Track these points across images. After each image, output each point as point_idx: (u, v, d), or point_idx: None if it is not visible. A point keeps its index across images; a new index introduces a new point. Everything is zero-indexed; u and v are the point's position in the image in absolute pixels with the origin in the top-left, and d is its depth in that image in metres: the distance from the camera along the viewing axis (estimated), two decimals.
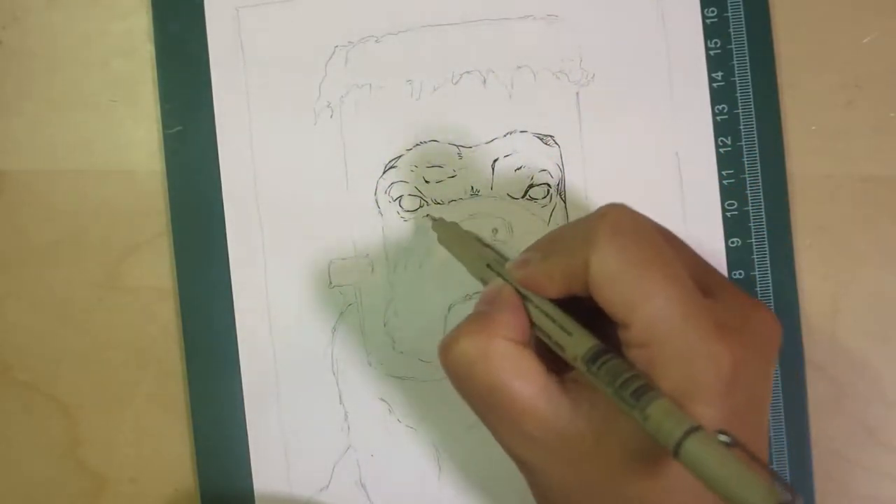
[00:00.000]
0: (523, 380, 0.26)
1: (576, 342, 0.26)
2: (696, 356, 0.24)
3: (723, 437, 0.22)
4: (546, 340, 0.27)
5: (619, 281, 0.25)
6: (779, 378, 0.36)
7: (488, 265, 0.31)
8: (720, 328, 0.25)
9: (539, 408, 0.26)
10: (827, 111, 0.36)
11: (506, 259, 0.31)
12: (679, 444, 0.22)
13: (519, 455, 0.27)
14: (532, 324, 0.28)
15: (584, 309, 0.27)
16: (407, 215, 0.36)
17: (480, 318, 0.28)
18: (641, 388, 0.24)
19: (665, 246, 0.26)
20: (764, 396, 0.27)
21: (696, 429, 0.22)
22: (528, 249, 0.30)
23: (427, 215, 0.36)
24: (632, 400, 0.24)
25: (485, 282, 0.31)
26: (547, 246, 0.29)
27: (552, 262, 0.27)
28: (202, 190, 0.36)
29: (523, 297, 0.28)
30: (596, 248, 0.26)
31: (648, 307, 0.25)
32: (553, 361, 0.27)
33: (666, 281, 0.25)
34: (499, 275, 0.30)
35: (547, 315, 0.27)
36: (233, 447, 0.36)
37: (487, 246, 0.34)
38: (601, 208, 0.27)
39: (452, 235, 0.34)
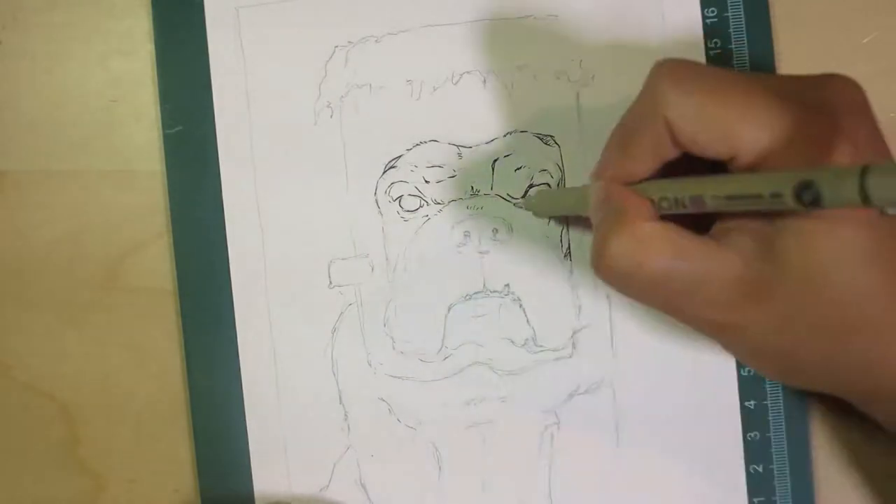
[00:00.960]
0: (683, 251, 0.26)
1: (712, 184, 0.25)
2: (813, 145, 0.24)
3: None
4: (675, 210, 0.26)
5: (703, 120, 0.25)
6: None
7: (583, 196, 0.30)
8: (821, 117, 0.25)
9: (712, 269, 0.25)
10: None
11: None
12: (864, 189, 0.21)
13: (716, 323, 0.26)
14: (656, 204, 0.27)
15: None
16: (407, 215, 0.36)
17: (611, 217, 0.27)
18: (804, 182, 0.22)
19: (726, 72, 0.26)
20: (879, 137, 0.26)
21: (868, 167, 0.21)
22: (604, 151, 0.29)
23: (523, 197, 0.36)
24: (802, 190, 0.22)
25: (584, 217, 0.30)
26: (618, 138, 0.28)
27: (633, 146, 0.27)
28: (202, 190, 0.36)
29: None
30: (667, 103, 0.25)
31: (745, 132, 0.24)
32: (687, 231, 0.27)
33: (748, 95, 0.25)
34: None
35: (665, 186, 0.26)
36: (233, 447, 0.36)
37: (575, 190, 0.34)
38: (649, 74, 0.27)
39: (546, 201, 0.34)
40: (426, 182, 0.36)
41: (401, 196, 0.36)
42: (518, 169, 0.36)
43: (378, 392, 0.37)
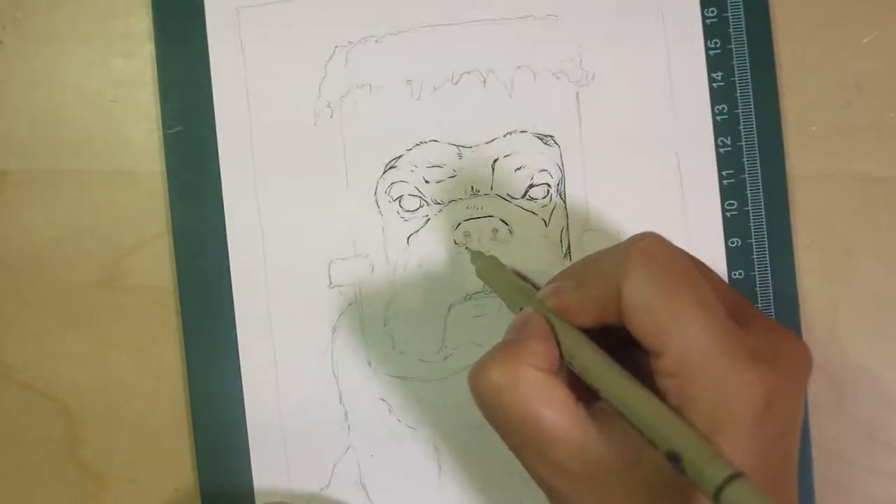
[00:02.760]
0: (552, 409, 0.26)
1: (612, 384, 0.26)
2: (728, 386, 0.24)
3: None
4: (576, 371, 0.27)
5: (651, 309, 0.25)
6: None
7: (527, 298, 0.30)
8: (753, 358, 0.25)
9: (569, 437, 0.26)
10: (827, 111, 0.36)
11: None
12: (720, 490, 0.22)
13: (548, 483, 0.27)
14: (561, 353, 0.28)
15: (615, 337, 0.27)
16: (407, 215, 0.36)
17: (509, 346, 0.27)
18: (675, 454, 0.23)
19: (697, 275, 0.26)
20: (795, 425, 0.26)
21: (738, 475, 0.22)
22: (561, 277, 0.29)
23: (466, 248, 0.36)
24: (672, 458, 0.23)
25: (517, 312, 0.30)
26: (580, 273, 0.29)
27: (584, 290, 0.27)
28: (202, 190, 0.36)
29: (553, 327, 0.28)
30: (628, 276, 0.25)
31: (682, 336, 0.25)
32: (582, 389, 0.27)
33: (699, 309, 0.25)
34: (534, 304, 0.29)
35: (576, 349, 0.27)
36: (233, 447, 0.36)
37: (524, 279, 0.34)
38: (633, 236, 0.27)
39: (491, 268, 0.34)
40: (426, 182, 0.36)
41: (401, 196, 0.36)
42: (518, 169, 0.36)
43: (378, 392, 0.37)
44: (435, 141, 0.36)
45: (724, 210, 0.36)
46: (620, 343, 0.27)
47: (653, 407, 0.24)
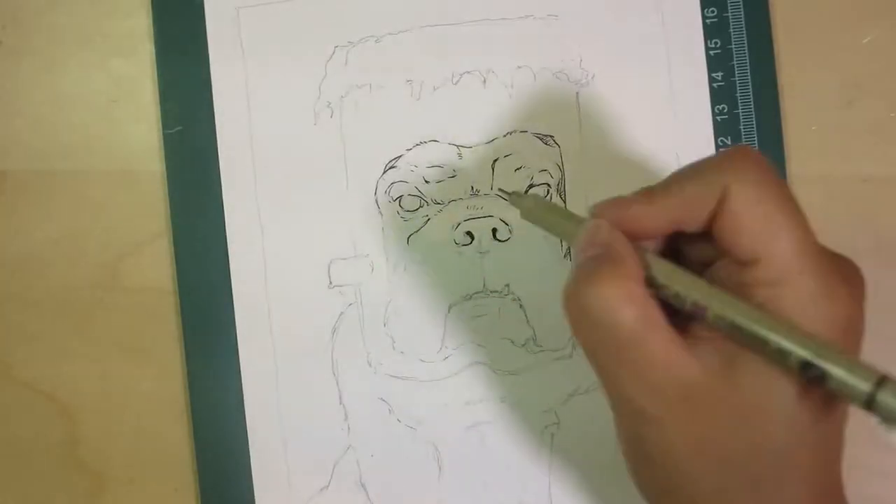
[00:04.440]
0: (656, 329, 0.25)
1: (727, 304, 0.25)
2: (825, 298, 0.24)
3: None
4: (663, 293, 0.26)
5: (758, 212, 0.25)
6: None
7: (580, 227, 0.28)
8: (845, 277, 0.25)
9: (670, 358, 0.25)
10: (827, 111, 0.36)
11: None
12: (872, 396, 0.22)
13: (639, 404, 0.26)
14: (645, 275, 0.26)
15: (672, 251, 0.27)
16: (407, 215, 0.36)
17: (608, 261, 0.26)
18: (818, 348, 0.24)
19: (790, 189, 0.26)
20: (861, 339, 0.27)
21: (887, 378, 0.22)
22: (620, 198, 0.28)
23: (500, 190, 0.35)
24: (808, 370, 0.23)
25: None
26: (655, 187, 0.28)
27: (664, 195, 0.27)
28: (202, 190, 0.36)
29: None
30: (738, 176, 0.25)
31: (785, 243, 0.25)
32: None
33: (800, 220, 0.25)
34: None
35: (665, 269, 0.26)
36: (232, 447, 0.36)
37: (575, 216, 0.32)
38: (730, 147, 0.27)
39: (538, 208, 0.31)
40: (426, 182, 0.36)
41: (401, 196, 0.36)
42: (518, 169, 0.36)
43: (378, 392, 0.37)
44: (435, 141, 0.36)
45: None
46: (680, 256, 0.27)
47: (774, 318, 0.24)
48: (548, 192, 0.36)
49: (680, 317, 0.26)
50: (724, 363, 0.25)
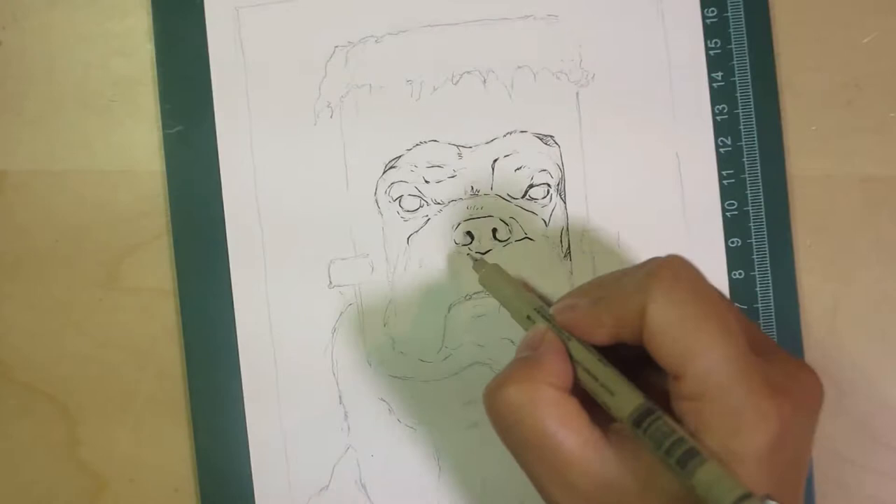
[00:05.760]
0: (570, 429, 0.26)
1: (621, 401, 0.26)
2: (746, 413, 0.24)
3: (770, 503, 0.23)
4: (590, 391, 0.27)
5: (676, 331, 0.25)
6: None
7: (535, 310, 0.30)
8: (771, 388, 0.25)
9: (584, 458, 0.26)
10: (827, 111, 0.36)
11: (549, 304, 0.31)
12: None
13: (557, 500, 0.27)
14: (575, 373, 0.28)
15: (626, 356, 0.27)
16: (407, 215, 0.36)
17: (527, 364, 0.27)
18: (689, 452, 0.24)
19: (722, 303, 0.26)
20: (806, 455, 0.27)
21: (747, 496, 0.22)
22: (573, 294, 0.29)
23: (468, 254, 0.36)
24: (679, 465, 0.24)
25: (526, 324, 0.30)
26: (595, 291, 0.29)
27: (603, 307, 0.27)
28: (202, 190, 0.36)
29: (566, 344, 0.28)
30: (655, 295, 0.26)
31: (704, 360, 0.25)
32: (596, 408, 0.27)
33: (723, 336, 0.25)
34: (545, 319, 0.29)
35: (591, 368, 0.27)
36: (233, 447, 0.36)
37: (531, 290, 0.34)
38: (657, 258, 0.27)
39: (495, 277, 0.34)
40: (426, 182, 0.36)
41: (401, 196, 0.36)
42: (518, 169, 0.36)
43: (378, 392, 0.37)
44: (435, 141, 0.36)
45: (724, 210, 0.36)
46: (633, 362, 0.27)
47: (667, 423, 0.25)
48: (548, 191, 0.36)
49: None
50: (639, 459, 0.26)
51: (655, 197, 0.36)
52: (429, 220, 0.36)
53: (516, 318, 0.31)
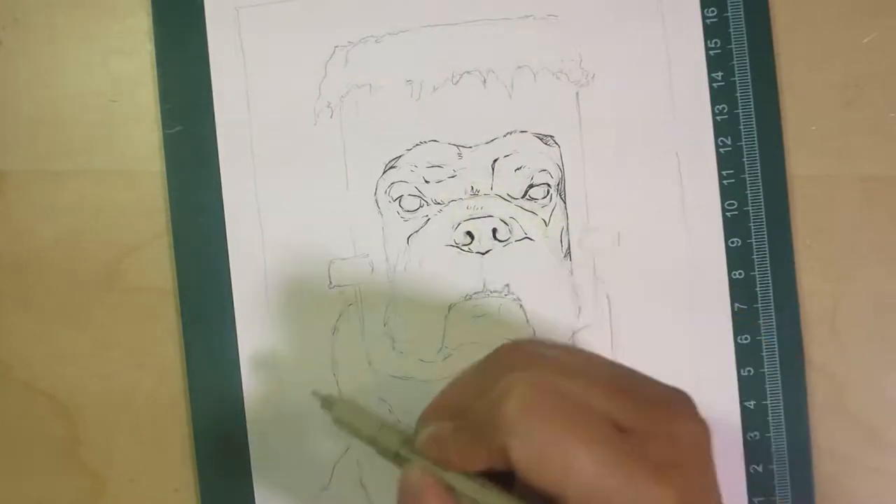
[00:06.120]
0: None
1: None
2: None
3: None
4: None
5: (543, 461, 0.25)
6: (779, 378, 0.36)
7: (403, 444, 0.28)
8: (656, 468, 0.24)
9: None
10: (827, 111, 0.36)
11: (410, 435, 0.29)
12: None
13: None
14: None
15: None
16: (407, 215, 0.36)
17: None
18: None
19: (575, 401, 0.26)
20: (713, 501, 0.26)
21: None
22: (433, 415, 0.28)
23: (313, 392, 0.30)
24: None
25: (397, 461, 0.28)
26: (456, 411, 0.28)
27: (468, 438, 0.27)
28: (202, 190, 0.36)
29: (445, 478, 0.27)
30: (511, 434, 0.25)
31: (580, 480, 0.24)
32: None
33: (590, 448, 0.24)
34: (415, 453, 0.28)
35: (475, 496, 0.26)
36: (233, 447, 0.36)
37: (387, 425, 0.30)
38: (504, 384, 0.26)
39: (350, 414, 0.30)
40: (426, 182, 0.36)
41: (401, 196, 0.36)
42: (518, 169, 0.36)
43: (378, 392, 0.37)
44: (435, 141, 0.36)
45: (724, 210, 0.36)
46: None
47: None
48: (548, 191, 0.36)
49: None
50: None
51: (655, 197, 0.36)
52: (429, 220, 0.36)
53: (384, 457, 0.29)
